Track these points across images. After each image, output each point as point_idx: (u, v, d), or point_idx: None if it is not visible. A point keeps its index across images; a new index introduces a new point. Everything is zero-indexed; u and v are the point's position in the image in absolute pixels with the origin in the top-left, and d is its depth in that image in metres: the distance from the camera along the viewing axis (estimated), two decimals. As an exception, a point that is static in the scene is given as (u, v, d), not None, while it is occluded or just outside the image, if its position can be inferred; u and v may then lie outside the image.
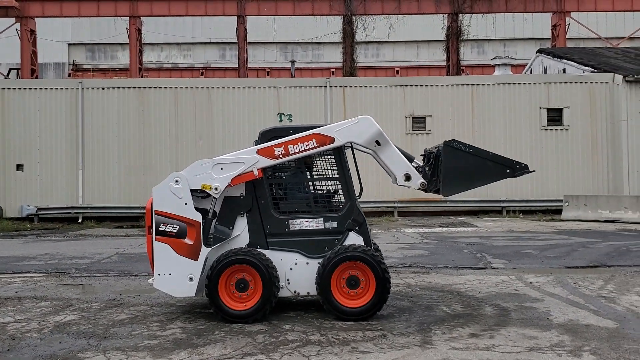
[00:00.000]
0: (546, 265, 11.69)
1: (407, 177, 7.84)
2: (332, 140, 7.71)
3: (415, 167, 7.97)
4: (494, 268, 11.48)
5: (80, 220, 23.77)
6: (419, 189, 7.92)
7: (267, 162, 7.66)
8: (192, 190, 7.57)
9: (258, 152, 7.67)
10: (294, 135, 7.71)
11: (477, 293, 9.03)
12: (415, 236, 17.18)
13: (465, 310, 7.91)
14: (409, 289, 9.39)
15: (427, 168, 7.98)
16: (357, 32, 35.33)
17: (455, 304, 8.33)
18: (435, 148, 8.01)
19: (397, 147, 7.99)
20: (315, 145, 7.68)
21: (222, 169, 7.63)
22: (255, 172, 7.62)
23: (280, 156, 7.66)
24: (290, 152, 7.65)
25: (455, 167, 7.62)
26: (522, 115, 24.68)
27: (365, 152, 8.13)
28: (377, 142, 7.80)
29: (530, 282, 9.86)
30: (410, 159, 8.04)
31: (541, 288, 9.37)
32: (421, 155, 8.43)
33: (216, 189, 7.56)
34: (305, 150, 7.67)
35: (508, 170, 7.71)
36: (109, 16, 35.95)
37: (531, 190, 24.28)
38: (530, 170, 7.81)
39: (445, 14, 35.51)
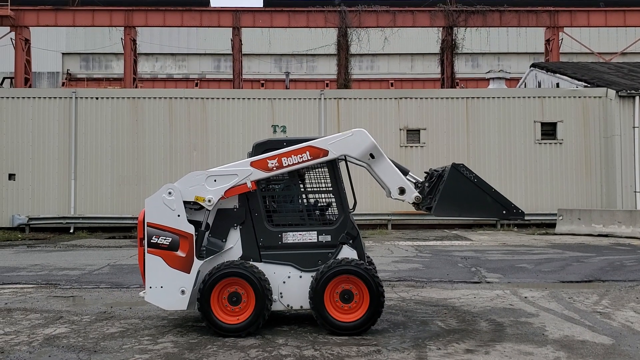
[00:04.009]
0: (541, 280, 11.64)
1: (402, 191, 7.77)
2: (326, 153, 7.66)
3: (414, 183, 7.91)
4: (488, 282, 11.42)
5: (72, 231, 23.61)
6: (413, 202, 7.85)
7: (261, 174, 7.60)
8: (185, 202, 7.50)
9: (252, 164, 7.61)
10: (288, 147, 7.66)
11: (472, 308, 8.97)
12: (410, 249, 17.12)
13: (461, 325, 7.84)
14: (404, 304, 9.32)
15: (426, 184, 7.93)
16: (352, 44, 35.45)
17: (450, 318, 8.25)
18: (442, 168, 7.95)
19: (391, 160, 7.94)
20: (309, 158, 7.63)
21: (215, 180, 7.56)
22: (249, 185, 7.56)
23: (274, 168, 7.60)
24: (284, 165, 7.60)
25: (455, 190, 7.53)
26: (517, 128, 24.75)
27: (359, 165, 8.08)
28: (372, 155, 7.76)
29: (525, 297, 9.80)
30: (405, 172, 7.98)
31: (536, 303, 9.31)
32: (424, 172, 8.35)
33: (209, 201, 7.49)
34: (298, 162, 7.62)
35: (504, 212, 7.65)
36: (104, 26, 35.94)
37: (525, 204, 24.23)
38: (525, 219, 7.83)
39: (440, 27, 35.71)
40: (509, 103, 25.02)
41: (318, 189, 8.02)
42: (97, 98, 24.75)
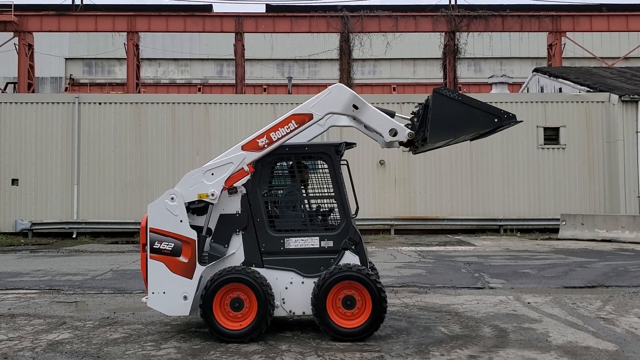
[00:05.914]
0: (544, 285, 11.61)
1: (394, 132, 7.67)
2: (311, 116, 7.64)
3: (404, 124, 7.82)
4: (492, 288, 11.39)
5: (74, 236, 23.61)
6: (407, 140, 7.72)
7: (254, 155, 7.59)
8: (188, 204, 7.50)
9: (243, 148, 7.62)
10: (273, 122, 7.66)
11: (476, 313, 8.94)
12: (413, 255, 17.09)
13: (464, 331, 7.82)
14: (407, 309, 9.29)
15: (415, 119, 7.81)
16: (354, 49, 35.43)
17: (454, 324, 8.23)
18: (425, 100, 7.88)
19: (376, 106, 7.86)
20: (296, 126, 7.61)
21: (212, 174, 7.58)
22: (246, 168, 7.57)
23: (265, 146, 7.59)
24: (274, 140, 7.59)
25: (443, 114, 7.40)
26: (519, 133, 24.68)
27: (347, 126, 7.93)
28: (355, 107, 7.71)
29: (529, 303, 9.77)
30: (392, 115, 7.90)
31: (539, 308, 9.28)
32: (411, 113, 8.20)
33: (212, 194, 7.48)
34: (287, 133, 7.59)
35: (496, 120, 7.55)
36: (107, 31, 36.01)
37: (528, 209, 24.26)
38: (518, 120, 7.67)
39: (442, 32, 35.68)
40: (511, 108, 24.89)
41: (320, 195, 8.01)
42: (100, 103, 24.79)
